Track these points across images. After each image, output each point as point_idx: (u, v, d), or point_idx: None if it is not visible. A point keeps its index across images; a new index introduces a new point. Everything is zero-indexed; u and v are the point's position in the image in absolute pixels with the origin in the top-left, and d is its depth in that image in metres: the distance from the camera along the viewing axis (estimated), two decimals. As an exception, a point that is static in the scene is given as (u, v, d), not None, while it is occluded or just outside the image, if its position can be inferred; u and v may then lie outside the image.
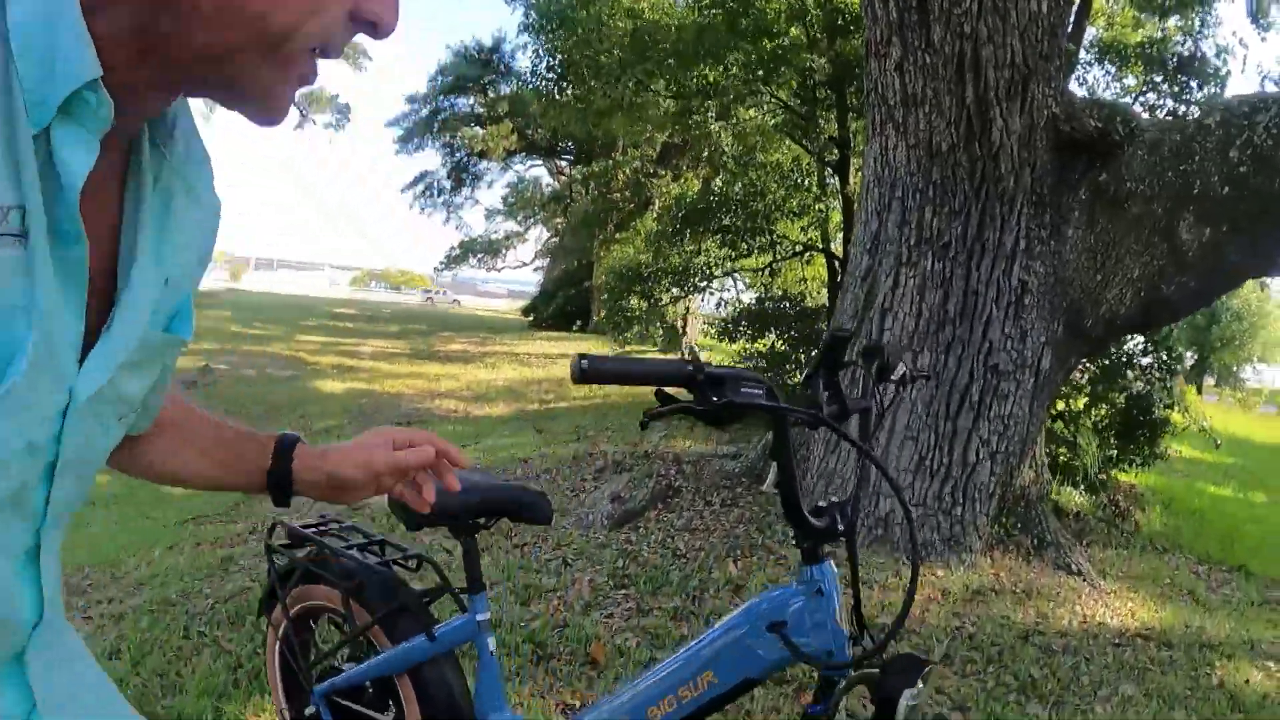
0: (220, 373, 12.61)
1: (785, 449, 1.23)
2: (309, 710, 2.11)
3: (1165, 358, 6.94)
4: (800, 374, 9.17)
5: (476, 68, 25.16)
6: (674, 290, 10.63)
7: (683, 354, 15.20)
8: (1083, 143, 4.30)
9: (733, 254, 10.17)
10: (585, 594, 3.63)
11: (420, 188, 28.36)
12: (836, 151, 9.58)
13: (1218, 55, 8.70)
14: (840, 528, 1.31)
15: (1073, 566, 4.28)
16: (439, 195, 28.51)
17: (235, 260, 60.67)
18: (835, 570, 1.38)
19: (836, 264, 9.80)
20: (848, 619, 1.34)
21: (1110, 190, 4.31)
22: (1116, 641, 3.64)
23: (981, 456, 4.15)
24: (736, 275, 11.75)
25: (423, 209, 28.75)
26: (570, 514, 4.71)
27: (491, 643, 1.84)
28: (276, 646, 2.34)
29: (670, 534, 4.35)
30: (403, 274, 68.15)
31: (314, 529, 2.27)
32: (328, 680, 2.13)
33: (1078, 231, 4.30)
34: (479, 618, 1.84)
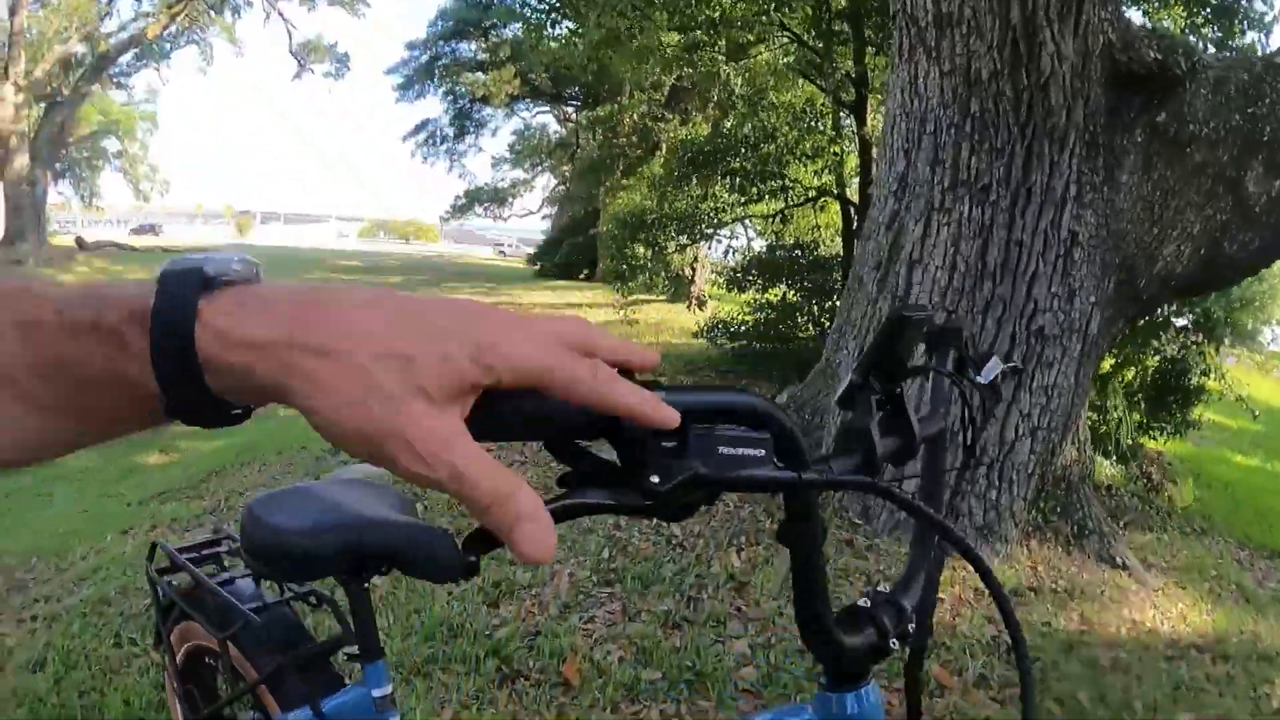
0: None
1: (807, 529, 0.71)
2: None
3: (1202, 320, 6.41)
4: (813, 327, 8.58)
5: (477, 11, 24.28)
6: (680, 238, 10.04)
7: (690, 303, 14.53)
8: (1139, 76, 3.71)
9: (742, 199, 9.58)
10: (564, 592, 3.17)
11: (422, 136, 27.67)
12: (853, 91, 8.93)
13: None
14: (893, 645, 0.79)
15: (1116, 559, 3.80)
16: (441, 143, 27.81)
17: (240, 215, 59.96)
18: (880, 698, 0.87)
19: (852, 210, 9.22)
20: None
21: (1170, 132, 3.74)
22: (1169, 654, 3.21)
23: (1021, 433, 3.64)
24: (746, 222, 11.17)
25: (425, 158, 28.10)
26: (555, 493, 4.23)
27: (394, 726, 1.37)
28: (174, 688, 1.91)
29: (666, 518, 3.87)
30: (410, 224, 67.27)
31: (196, 552, 1.81)
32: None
33: (1133, 178, 3.74)
34: (375, 693, 1.37)
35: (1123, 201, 3.72)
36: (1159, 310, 5.70)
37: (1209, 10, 8.03)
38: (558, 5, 9.58)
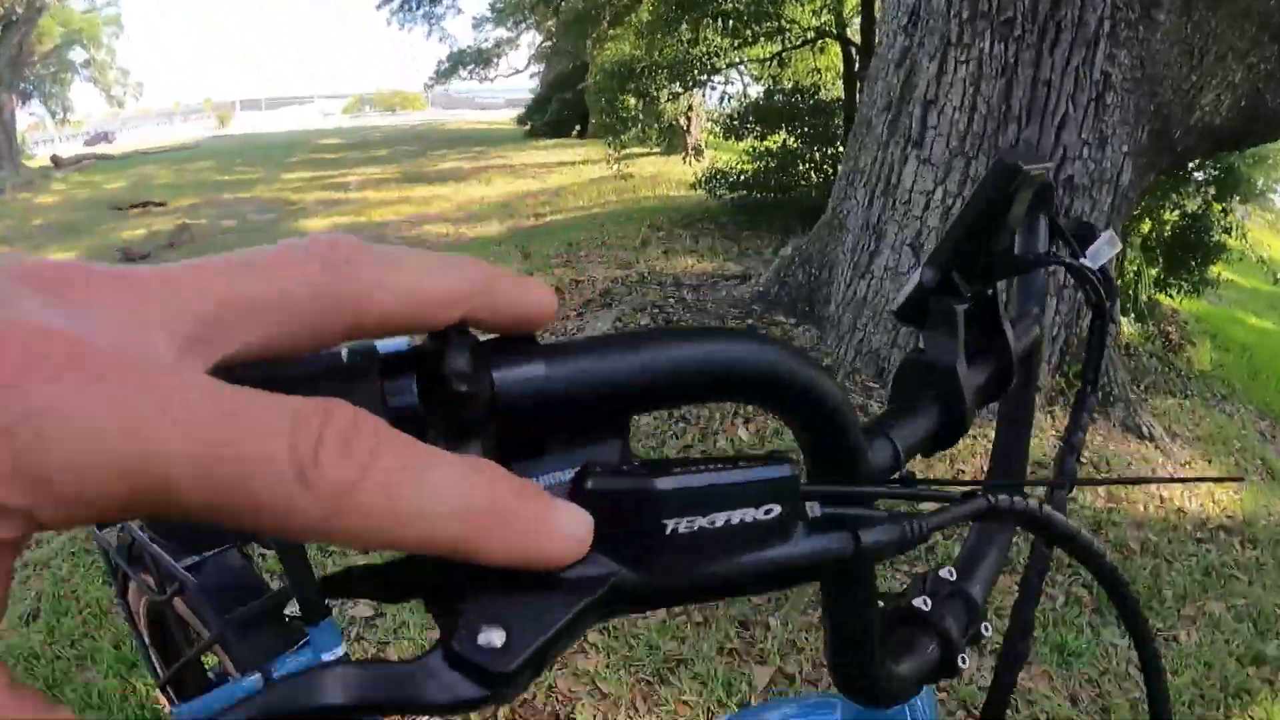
0: (198, 228, 11.57)
1: (857, 606, 0.45)
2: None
3: (1224, 176, 6.06)
4: (815, 175, 8.14)
5: None
6: (672, 85, 9.52)
7: (686, 154, 13.97)
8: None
9: (735, 42, 9.03)
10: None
11: (396, 2, 26.30)
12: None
13: None
14: (963, 662, 0.53)
15: (1142, 428, 3.67)
16: (418, 7, 26.44)
17: (220, 106, 58.09)
18: (934, 701, 0.66)
19: (854, 51, 8.67)
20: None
21: (1213, -33, 3.36)
22: (1198, 536, 3.11)
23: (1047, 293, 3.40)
24: (741, 67, 10.60)
25: (402, 24, 26.81)
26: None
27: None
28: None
29: (669, 389, 3.69)
30: (396, 95, 65.06)
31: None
32: (189, 703, 1.57)
33: (1171, 17, 3.37)
34: (325, 657, 1.20)
35: (1159, 43, 3.36)
36: (1191, 164, 5.38)
37: None
38: None
